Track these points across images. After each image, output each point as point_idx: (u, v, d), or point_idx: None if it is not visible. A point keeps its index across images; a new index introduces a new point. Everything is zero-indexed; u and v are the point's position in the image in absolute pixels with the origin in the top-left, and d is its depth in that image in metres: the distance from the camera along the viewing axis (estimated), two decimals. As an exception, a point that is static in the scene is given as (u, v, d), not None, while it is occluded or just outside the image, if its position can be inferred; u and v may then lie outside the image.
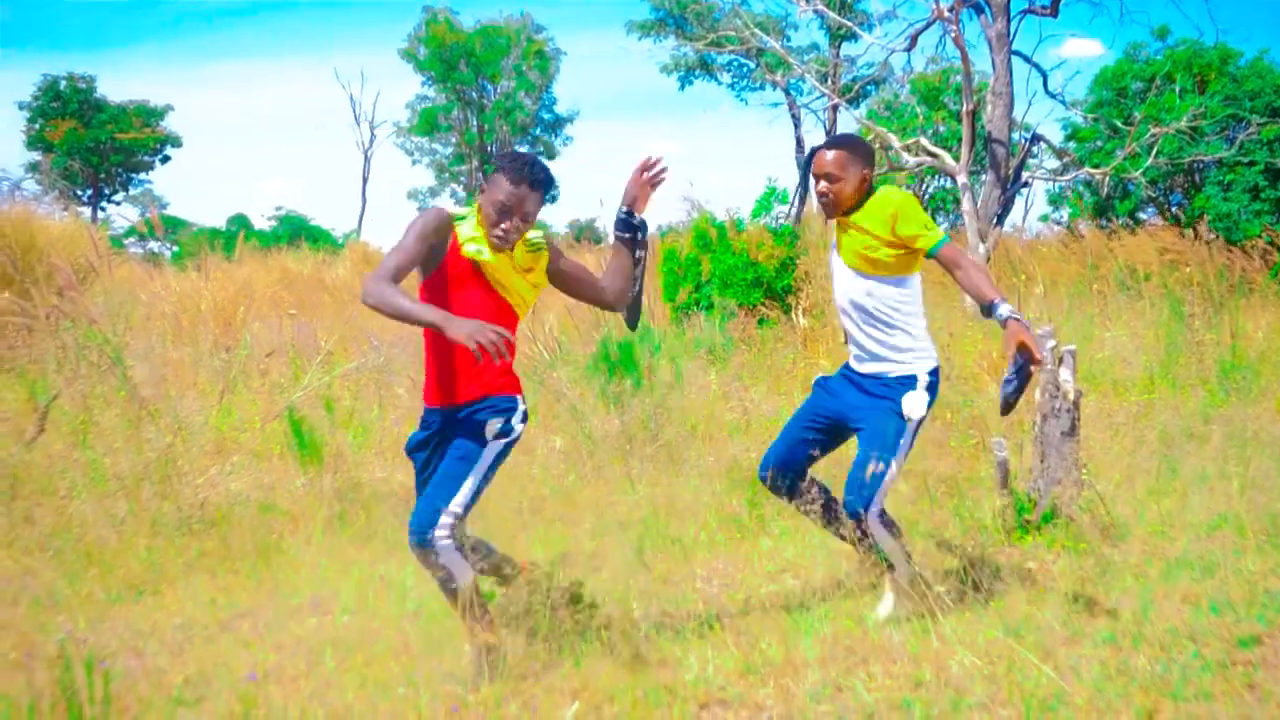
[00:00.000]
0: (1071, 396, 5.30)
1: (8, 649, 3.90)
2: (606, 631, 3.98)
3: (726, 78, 38.47)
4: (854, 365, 4.50)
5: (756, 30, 16.93)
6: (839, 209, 4.42)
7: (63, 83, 44.74)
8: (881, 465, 4.24)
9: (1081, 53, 40.03)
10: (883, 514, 4.26)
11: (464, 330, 3.45)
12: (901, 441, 4.32)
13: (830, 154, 4.41)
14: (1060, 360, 5.35)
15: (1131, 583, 4.50)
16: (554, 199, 48.15)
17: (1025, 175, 14.82)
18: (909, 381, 4.36)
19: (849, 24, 18.86)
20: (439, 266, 3.86)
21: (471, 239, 3.88)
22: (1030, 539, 5.12)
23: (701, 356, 9.15)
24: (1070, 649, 3.82)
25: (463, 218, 3.92)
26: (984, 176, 14.60)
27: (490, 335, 3.43)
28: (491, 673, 3.76)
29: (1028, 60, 14.99)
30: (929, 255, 4.26)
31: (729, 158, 78.68)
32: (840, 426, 4.53)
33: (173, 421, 6.50)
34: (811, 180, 4.49)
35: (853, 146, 4.44)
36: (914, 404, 4.35)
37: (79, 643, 3.40)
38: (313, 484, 6.22)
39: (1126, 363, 9.17)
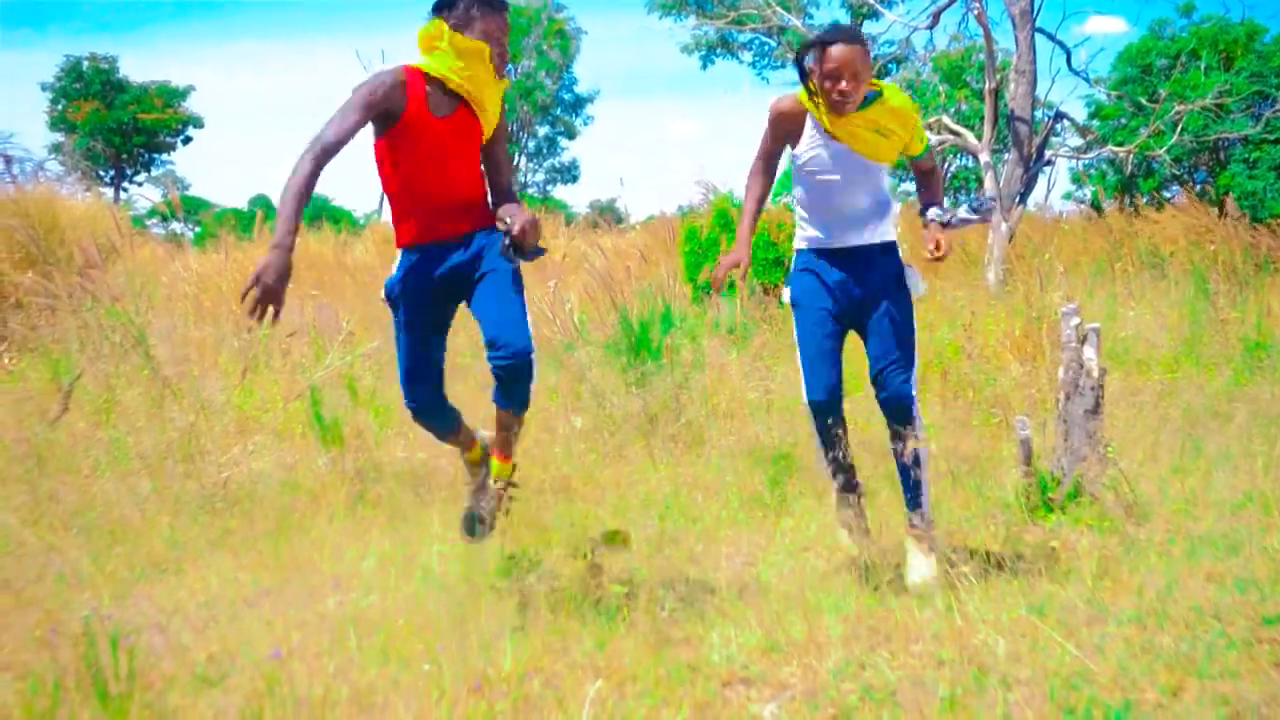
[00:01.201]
0: (1095, 374, 5.27)
1: (33, 626, 3.92)
2: (629, 610, 3.98)
3: (748, 56, 38.32)
4: (845, 241, 4.60)
5: (778, 8, 16.83)
6: (853, 108, 4.39)
7: (85, 63, 44.88)
8: (912, 343, 4.58)
9: (1105, 29, 39.87)
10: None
11: (259, 271, 3.68)
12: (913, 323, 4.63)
13: (857, 50, 4.28)
14: (1084, 338, 5.32)
15: (1156, 561, 4.47)
16: (575, 179, 48.11)
17: (1048, 153, 14.72)
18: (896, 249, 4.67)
19: (870, 2, 18.76)
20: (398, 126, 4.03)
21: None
22: (1054, 517, 5.10)
23: (722, 336, 9.13)
24: (1094, 627, 3.80)
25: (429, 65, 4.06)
26: (1007, 155, 14.51)
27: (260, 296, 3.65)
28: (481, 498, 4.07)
29: (1051, 37, 14.85)
30: (920, 157, 4.66)
31: (751, 137, 78.40)
32: (854, 321, 4.69)
33: (195, 401, 6.53)
34: (820, 79, 4.36)
35: (866, 41, 4.36)
36: (916, 280, 4.63)
37: (103, 620, 3.42)
38: (334, 463, 6.23)
39: (1150, 341, 9.12)
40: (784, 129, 4.56)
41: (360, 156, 4.13)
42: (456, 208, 4.14)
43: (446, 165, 4.07)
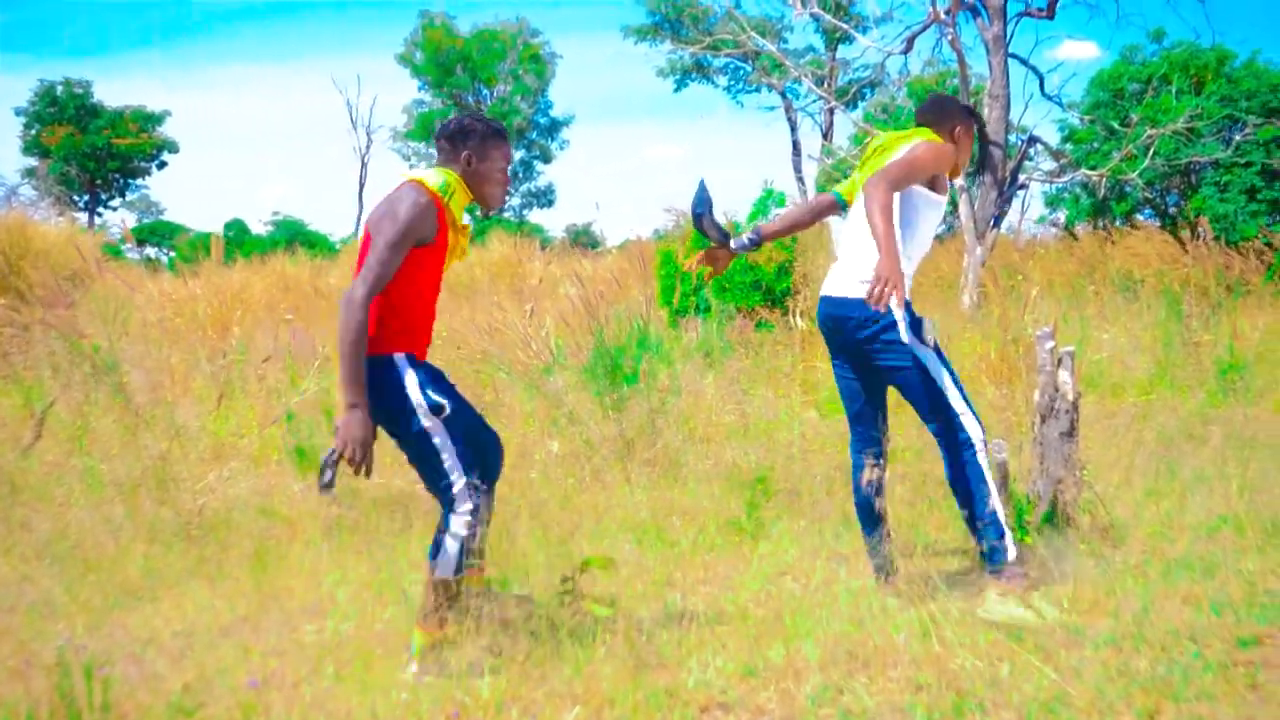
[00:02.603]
0: (1071, 397, 5.30)
1: (6, 656, 3.89)
2: (607, 635, 3.97)
3: (723, 80, 38.52)
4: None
5: (753, 33, 16.92)
6: None
7: (59, 88, 44.80)
8: None
9: (1078, 55, 40.18)
10: None
11: (347, 435, 3.71)
12: None
13: None
14: (1059, 361, 5.35)
15: (1132, 584, 4.49)
16: (551, 203, 48.22)
17: (1022, 177, 14.84)
18: None
19: (845, 27, 18.90)
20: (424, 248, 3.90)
21: (459, 214, 4.02)
22: (1030, 540, 5.11)
23: (699, 360, 9.14)
24: (1071, 651, 3.81)
25: (446, 189, 3.95)
26: (981, 179, 14.61)
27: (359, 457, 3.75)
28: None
29: (1024, 63, 14.99)
30: None
31: (726, 160, 78.69)
32: None
33: (169, 428, 6.49)
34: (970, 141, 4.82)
35: None
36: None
37: (77, 650, 3.39)
38: (311, 489, 6.20)
39: (1125, 364, 9.17)
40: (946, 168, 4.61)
41: (337, 179, 4.09)
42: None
43: (437, 289, 4.06)
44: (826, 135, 33.96)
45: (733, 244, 4.96)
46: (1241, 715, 3.30)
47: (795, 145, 35.31)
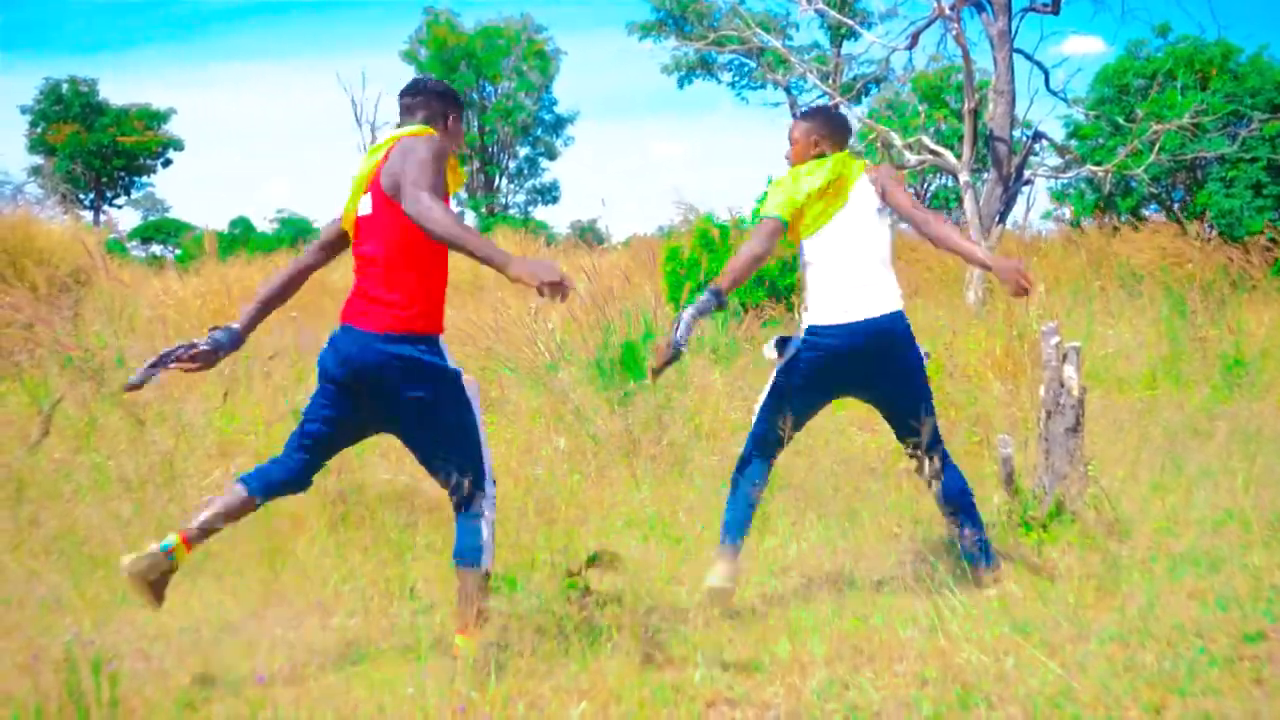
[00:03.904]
0: (1076, 393, 5.30)
1: (14, 651, 3.90)
2: (614, 631, 3.98)
3: (727, 77, 38.52)
4: None
5: (757, 29, 16.91)
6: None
7: (65, 86, 44.80)
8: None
9: (1083, 50, 39.99)
10: None
11: (529, 269, 3.44)
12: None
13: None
14: (1065, 357, 5.35)
15: (1137, 579, 4.49)
16: (555, 200, 48.21)
17: (1027, 173, 14.82)
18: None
19: (850, 22, 18.86)
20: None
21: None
22: (1035, 535, 5.11)
23: (705, 356, 9.13)
24: (1077, 645, 3.81)
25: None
26: (986, 174, 14.61)
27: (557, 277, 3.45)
28: None
29: (1029, 58, 14.97)
30: None
31: (731, 157, 78.77)
32: None
33: (176, 424, 6.50)
34: None
35: (804, 118, 4.84)
36: (770, 349, 4.75)
37: (85, 645, 3.40)
38: (317, 485, 6.19)
39: (1129, 359, 9.17)
40: None
41: (342, 176, 4.08)
42: None
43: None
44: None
45: (688, 313, 4.46)
46: (1247, 710, 3.30)
47: (800, 142, 35.20)
